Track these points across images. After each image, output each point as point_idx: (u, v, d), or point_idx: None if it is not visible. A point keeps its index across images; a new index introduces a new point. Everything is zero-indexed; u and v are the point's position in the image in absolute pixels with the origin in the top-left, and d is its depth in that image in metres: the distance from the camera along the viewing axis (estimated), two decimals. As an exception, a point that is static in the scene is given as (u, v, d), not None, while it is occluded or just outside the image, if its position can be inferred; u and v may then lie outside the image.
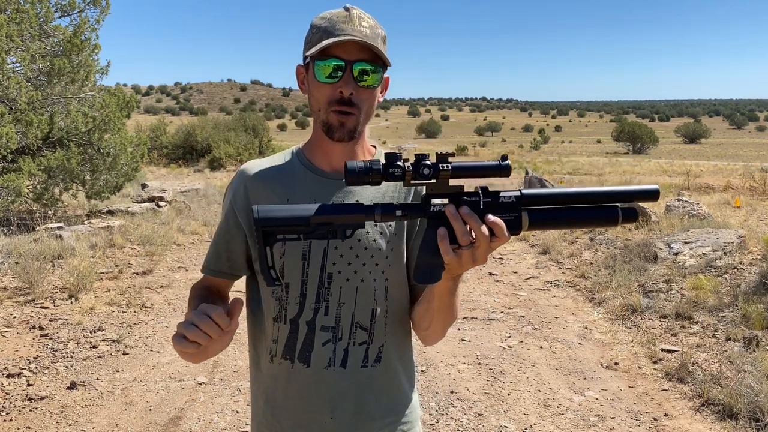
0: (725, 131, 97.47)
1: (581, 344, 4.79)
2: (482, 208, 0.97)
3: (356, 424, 1.22)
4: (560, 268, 7.26)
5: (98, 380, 4.00)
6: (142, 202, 11.00)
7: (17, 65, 8.14)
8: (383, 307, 1.23)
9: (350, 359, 1.21)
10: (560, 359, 4.49)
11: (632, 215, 0.99)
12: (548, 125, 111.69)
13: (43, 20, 8.40)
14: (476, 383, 4.07)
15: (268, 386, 1.27)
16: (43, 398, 3.71)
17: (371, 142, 1.31)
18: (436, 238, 0.97)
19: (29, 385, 3.89)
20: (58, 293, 5.73)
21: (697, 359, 4.25)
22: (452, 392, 3.93)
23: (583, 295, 6.14)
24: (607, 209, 0.99)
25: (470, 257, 0.97)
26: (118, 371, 4.16)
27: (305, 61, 1.19)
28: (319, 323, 1.20)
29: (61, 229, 7.70)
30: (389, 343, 1.25)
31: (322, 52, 1.12)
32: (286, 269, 1.20)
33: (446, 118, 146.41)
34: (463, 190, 0.98)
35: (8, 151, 7.66)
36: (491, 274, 7.00)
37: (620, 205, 1.00)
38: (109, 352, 4.47)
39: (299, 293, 1.20)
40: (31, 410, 3.58)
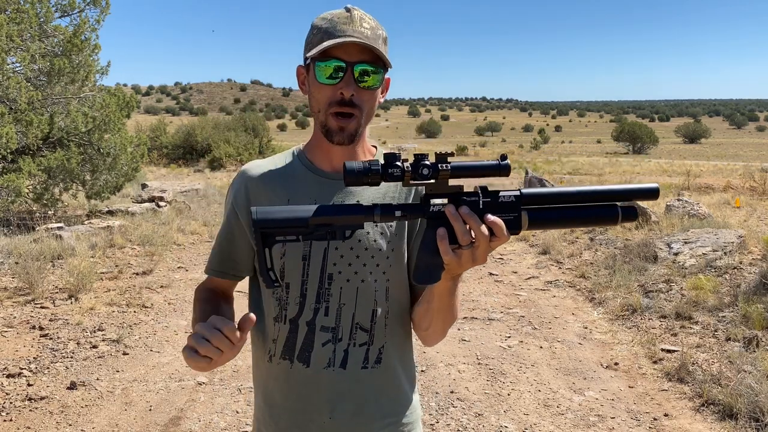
0: (725, 131, 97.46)
1: (581, 344, 4.80)
2: (482, 207, 0.97)
3: (356, 424, 1.22)
4: (560, 268, 7.26)
5: (98, 380, 4.00)
6: (142, 202, 11.00)
7: (17, 65, 8.14)
8: (384, 307, 1.23)
9: (350, 360, 1.21)
10: (560, 359, 4.49)
11: (632, 214, 0.99)
12: (548, 125, 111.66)
13: (43, 20, 8.40)
14: (476, 383, 4.07)
15: (266, 386, 1.28)
16: (43, 398, 3.71)
17: (372, 142, 1.31)
18: (435, 238, 0.97)
19: (29, 385, 3.89)
20: (58, 293, 5.73)
21: (697, 359, 4.26)
22: (452, 392, 3.93)
23: (583, 295, 6.14)
24: (606, 208, 0.99)
25: (470, 257, 0.97)
26: (118, 371, 4.16)
27: (306, 61, 1.19)
28: (319, 323, 1.20)
29: (61, 229, 7.70)
30: (389, 344, 1.24)
31: (323, 53, 1.12)
32: (286, 269, 1.20)
33: (446, 118, 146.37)
34: (462, 189, 0.97)
35: (8, 151, 7.66)
36: (491, 274, 7.00)
37: (620, 203, 0.99)
38: (109, 352, 4.47)
39: (299, 293, 1.20)
40: (31, 410, 3.58)
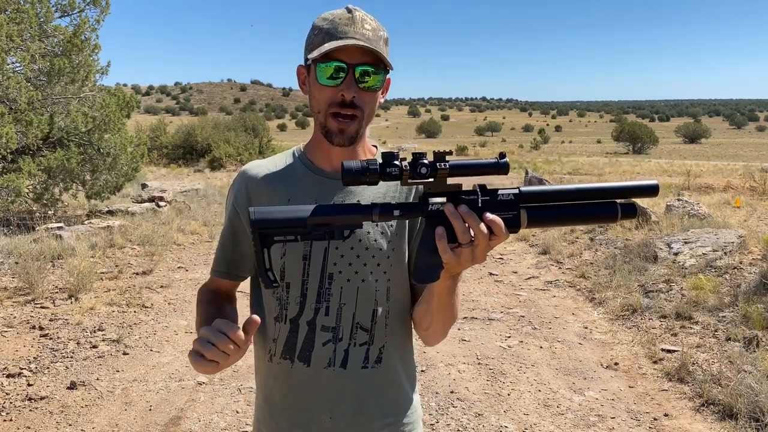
0: (725, 131, 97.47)
1: (581, 344, 4.80)
2: (480, 206, 0.96)
3: (356, 424, 1.22)
4: (560, 268, 7.26)
5: (98, 380, 4.00)
6: (142, 202, 11.00)
7: (17, 65, 8.14)
8: (384, 307, 1.23)
9: (350, 360, 1.21)
10: (560, 359, 4.49)
11: (631, 211, 0.98)
12: (548, 125, 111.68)
13: (43, 20, 8.40)
14: (476, 383, 4.07)
15: (267, 385, 1.28)
16: (43, 398, 3.71)
17: (372, 142, 1.30)
18: (434, 237, 0.96)
19: (29, 385, 3.89)
20: (58, 293, 5.73)
21: (697, 359, 4.26)
22: (452, 392, 3.93)
23: (583, 295, 6.14)
24: (605, 205, 0.98)
25: (469, 256, 0.97)
26: (118, 371, 4.16)
27: (307, 62, 1.19)
28: (319, 323, 1.20)
29: (61, 229, 7.70)
30: (390, 343, 1.24)
31: (324, 54, 1.12)
32: (286, 269, 1.20)
33: (446, 118, 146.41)
34: (461, 188, 0.97)
35: (8, 151, 7.66)
36: (491, 274, 7.00)
37: (619, 201, 0.99)
38: (109, 352, 4.47)
39: (300, 293, 1.20)
40: (31, 410, 3.58)
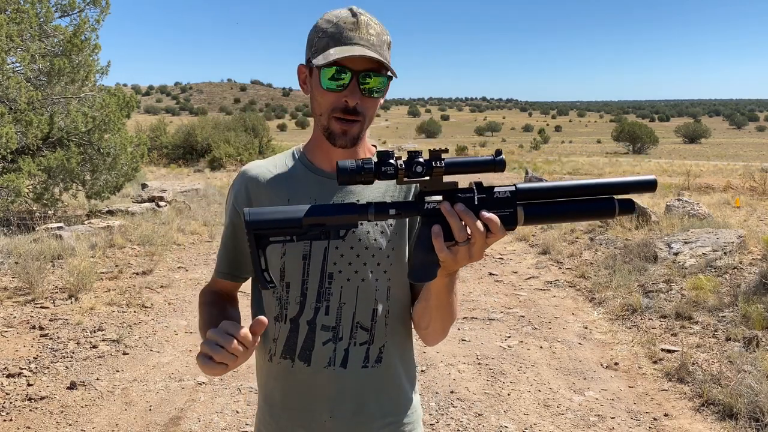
0: (725, 131, 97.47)
1: (581, 344, 4.80)
2: (477, 204, 0.96)
3: (356, 423, 1.22)
4: (560, 268, 7.26)
5: (98, 380, 4.00)
6: (142, 202, 10.99)
7: (17, 65, 8.14)
8: (384, 306, 1.22)
9: (351, 359, 1.21)
10: (560, 359, 4.49)
11: (629, 207, 0.98)
12: (548, 125, 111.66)
13: (43, 20, 8.40)
14: (476, 383, 4.07)
15: (267, 385, 1.28)
16: (43, 398, 3.71)
17: (371, 142, 1.30)
18: (430, 235, 0.96)
19: (29, 385, 3.89)
20: (58, 293, 5.73)
21: (697, 359, 4.26)
22: (452, 392, 3.93)
23: (583, 295, 6.14)
24: (603, 201, 0.97)
25: (466, 254, 0.96)
26: (118, 371, 4.16)
27: (308, 62, 1.18)
28: (319, 323, 1.20)
29: (61, 229, 7.70)
30: (390, 343, 1.24)
31: (326, 57, 1.10)
32: (286, 269, 1.20)
33: (446, 118, 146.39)
34: (457, 186, 0.97)
35: (8, 151, 7.66)
36: (491, 274, 7.00)
37: (617, 197, 0.98)
38: (109, 352, 4.47)
39: (300, 293, 1.20)
40: (31, 410, 3.58)
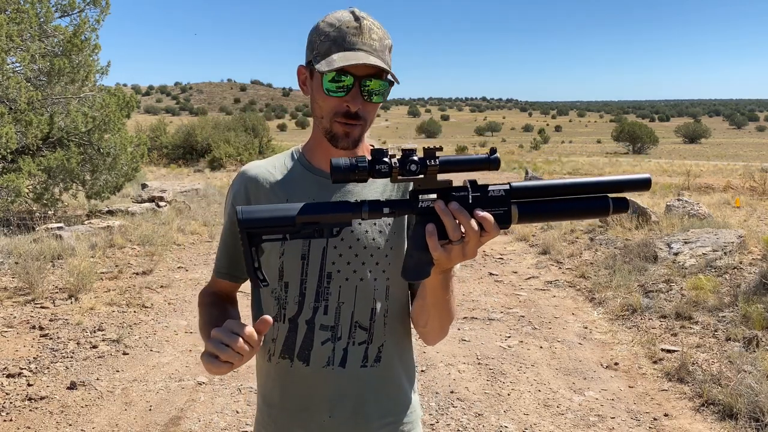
0: (725, 131, 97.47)
1: (581, 344, 4.79)
2: (471, 202, 0.95)
3: (355, 423, 1.22)
4: (560, 268, 7.26)
5: (98, 380, 4.00)
6: (142, 202, 11.00)
7: (17, 65, 8.14)
8: (383, 306, 1.23)
9: (349, 359, 1.21)
10: (560, 359, 4.49)
11: (623, 205, 0.98)
12: (548, 125, 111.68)
13: (43, 20, 8.40)
14: (476, 383, 4.07)
15: (266, 386, 1.28)
16: (43, 398, 3.71)
17: (370, 141, 1.31)
18: (424, 234, 0.95)
19: (29, 385, 3.89)
20: (58, 293, 5.73)
21: (697, 359, 4.26)
22: (452, 392, 3.93)
23: (583, 295, 6.14)
24: (597, 200, 0.97)
25: (460, 252, 0.96)
26: (118, 371, 4.16)
27: (309, 64, 1.18)
28: (318, 322, 1.20)
29: (61, 229, 7.70)
30: (389, 342, 1.24)
31: (330, 63, 1.10)
32: (285, 269, 1.20)
33: (446, 118, 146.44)
34: (451, 184, 0.96)
35: (8, 151, 7.66)
36: (491, 274, 7.00)
37: (611, 195, 0.98)
38: (109, 352, 4.47)
39: (298, 292, 1.20)
40: (31, 410, 3.59)
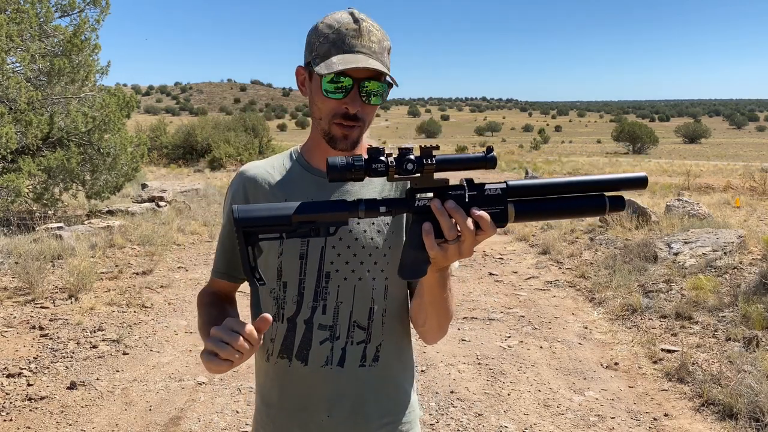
0: (725, 131, 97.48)
1: (581, 344, 4.79)
2: (467, 201, 0.95)
3: (354, 423, 1.22)
4: (560, 268, 7.26)
5: (98, 380, 4.00)
6: (142, 202, 11.00)
7: (17, 65, 8.14)
8: (382, 305, 1.23)
9: (348, 358, 1.21)
10: (560, 359, 4.49)
11: (619, 204, 0.98)
12: (548, 125, 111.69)
13: (43, 20, 8.40)
14: (476, 383, 4.07)
15: (265, 386, 1.28)
16: (43, 398, 3.71)
17: (369, 141, 1.31)
18: (421, 232, 0.95)
19: (29, 385, 3.89)
20: (58, 293, 5.73)
21: (697, 359, 4.25)
22: (452, 392, 3.93)
23: (583, 295, 6.14)
24: (594, 198, 0.97)
25: (456, 251, 0.96)
26: (118, 371, 4.16)
27: (308, 65, 1.18)
28: (316, 322, 1.20)
29: (61, 229, 7.70)
30: (387, 342, 1.24)
31: (329, 66, 1.10)
32: (283, 268, 1.20)
33: (446, 118, 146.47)
34: (447, 183, 0.96)
35: (8, 151, 7.66)
36: (491, 274, 7.00)
37: (607, 194, 0.98)
38: (109, 352, 4.47)
39: (297, 292, 1.20)
40: (31, 410, 3.59)
